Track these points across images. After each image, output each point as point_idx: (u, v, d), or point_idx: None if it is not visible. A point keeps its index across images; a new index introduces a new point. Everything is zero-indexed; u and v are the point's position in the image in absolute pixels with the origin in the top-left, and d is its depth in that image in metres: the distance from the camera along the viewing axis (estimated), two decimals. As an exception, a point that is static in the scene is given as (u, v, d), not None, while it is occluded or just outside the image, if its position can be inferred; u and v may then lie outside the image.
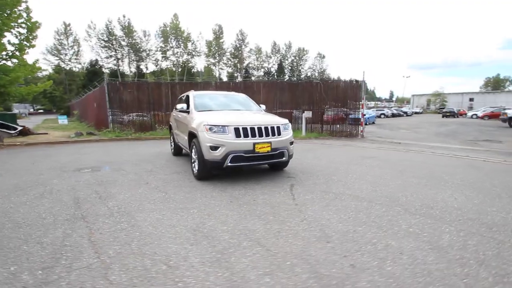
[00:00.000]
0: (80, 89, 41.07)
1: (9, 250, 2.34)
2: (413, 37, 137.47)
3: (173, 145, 7.30)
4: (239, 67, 60.01)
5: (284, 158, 4.74)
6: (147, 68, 54.17)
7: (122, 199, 3.69)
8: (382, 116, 37.38)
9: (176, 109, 7.22)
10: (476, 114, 31.20)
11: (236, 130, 4.30)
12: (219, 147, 4.22)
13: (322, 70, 66.23)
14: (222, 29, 56.15)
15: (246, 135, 4.31)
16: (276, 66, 63.01)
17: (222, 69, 58.88)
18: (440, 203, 3.46)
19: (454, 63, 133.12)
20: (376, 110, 38.92)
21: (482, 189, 4.12)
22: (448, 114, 35.18)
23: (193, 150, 4.86)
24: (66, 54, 48.48)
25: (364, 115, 13.00)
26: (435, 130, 17.26)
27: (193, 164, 4.89)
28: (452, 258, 2.19)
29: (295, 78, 58.60)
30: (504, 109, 21.35)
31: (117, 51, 48.74)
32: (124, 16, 49.46)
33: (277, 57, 63.54)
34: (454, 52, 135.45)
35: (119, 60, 49.52)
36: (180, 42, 52.43)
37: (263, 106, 6.29)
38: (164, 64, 54.06)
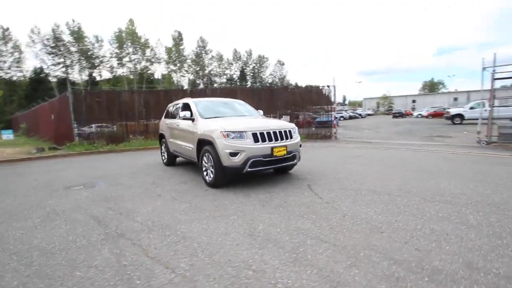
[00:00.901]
0: (22, 100, 36.56)
1: (63, 278, 2.10)
2: (360, 45, 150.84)
3: (165, 155, 7.00)
4: (201, 74, 59.23)
5: (295, 160, 4.92)
6: (100, 75, 50.42)
7: (147, 213, 3.49)
8: (342, 118, 40.02)
9: (167, 117, 7.00)
10: (421, 114, 35.20)
11: (254, 135, 4.36)
12: (238, 153, 4.23)
13: (282, 76, 68.63)
14: (182, 36, 55.07)
15: (263, 140, 4.39)
16: (238, 73, 63.58)
17: (183, 76, 57.49)
18: (446, 191, 3.95)
19: (394, 69, 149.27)
20: (336, 113, 41.52)
21: (468, 177, 4.78)
22: (397, 115, 39.10)
23: (204, 158, 4.78)
24: (5, 62, 42.86)
25: (337, 117, 13.91)
26: (393, 130, 19.06)
27: (205, 172, 4.80)
28: (488, 233, 2.57)
29: (257, 85, 59.80)
30: (445, 109, 24.45)
31: (66, 58, 44.42)
32: (73, 21, 45.48)
33: (239, 64, 64.23)
34: (395, 59, 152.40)
35: (68, 68, 45.19)
36: (138, 49, 49.99)
37: (261, 111, 6.43)
38: (120, 71, 50.91)
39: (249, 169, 4.29)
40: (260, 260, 2.24)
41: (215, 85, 57.36)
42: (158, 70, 55.68)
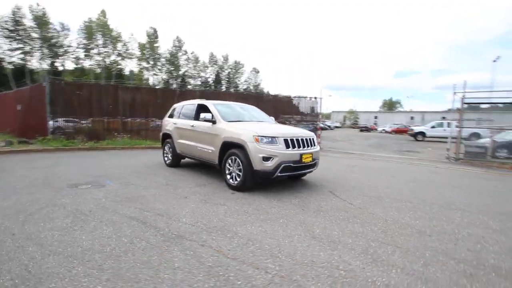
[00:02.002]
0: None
1: (154, 282, 2.00)
2: (326, 61, 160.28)
3: (170, 156, 6.76)
4: (175, 74, 57.62)
5: (316, 167, 5.13)
6: (64, 66, 46.37)
7: (189, 215, 3.40)
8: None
9: (174, 117, 6.81)
10: (385, 129, 38.22)
11: (286, 141, 4.48)
12: (271, 157, 4.31)
13: (257, 84, 69.62)
14: (157, 33, 53.27)
15: (293, 146, 4.53)
16: (213, 77, 63.09)
17: (156, 74, 55.36)
18: (455, 200, 4.44)
19: (361, 87, 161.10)
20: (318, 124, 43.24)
21: (463, 188, 5.41)
22: (364, 129, 42.00)
23: (228, 161, 4.76)
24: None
25: (322, 128, 14.57)
26: (365, 143, 20.43)
27: (228, 176, 4.77)
28: (514, 237, 2.99)
29: (232, 90, 59.81)
30: (408, 126, 26.84)
31: (25, 44, 40.04)
32: (38, 5, 41.27)
33: (214, 68, 63.82)
34: (362, 77, 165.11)
35: (27, 55, 40.78)
36: (108, 42, 47.11)
37: (273, 118, 6.58)
38: (87, 63, 47.39)
39: (279, 174, 4.38)
40: (342, 261, 2.36)
41: (189, 86, 56.18)
42: (129, 66, 52.94)
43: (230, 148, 4.78)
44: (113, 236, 2.75)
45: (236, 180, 4.64)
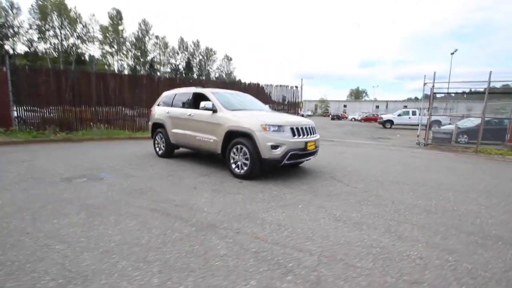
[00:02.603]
0: None
1: (207, 269, 2.02)
2: (296, 50, 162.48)
3: (162, 146, 6.53)
4: (142, 60, 54.47)
5: (316, 155, 5.33)
6: (14, 49, 41.37)
7: (208, 205, 3.38)
8: (288, 117, 42.57)
9: (166, 105, 6.56)
10: (354, 118, 40.14)
11: (292, 129, 4.58)
12: (279, 146, 4.39)
13: (229, 72, 68.46)
14: (121, 15, 49.51)
15: (299, 134, 4.65)
16: (184, 64, 60.74)
17: (121, 60, 51.85)
18: (443, 181, 4.91)
19: (327, 75, 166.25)
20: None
21: (444, 171, 5.98)
22: (335, 117, 43.70)
23: (233, 150, 4.76)
24: None
25: (303, 115, 14.93)
26: (339, 130, 21.36)
27: (233, 165, 4.78)
28: (505, 210, 3.43)
29: (203, 78, 58.27)
30: (378, 114, 28.45)
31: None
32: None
33: (185, 55, 61.38)
34: (331, 66, 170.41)
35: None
36: (66, 23, 42.81)
37: (267, 106, 6.62)
38: (42, 47, 42.81)
39: (286, 162, 4.50)
40: (372, 239, 2.55)
41: (158, 73, 53.62)
42: (92, 51, 48.86)
43: (235, 137, 4.77)
44: (142, 228, 2.67)
45: (242, 169, 4.66)
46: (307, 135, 4.83)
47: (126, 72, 47.96)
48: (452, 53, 28.77)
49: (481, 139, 9.89)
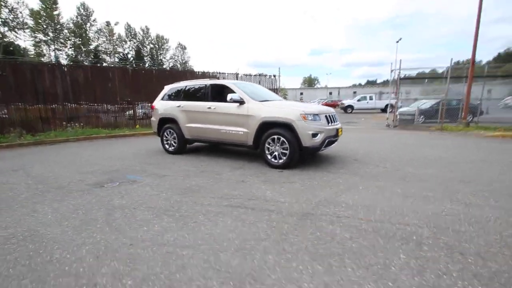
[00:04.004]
0: None
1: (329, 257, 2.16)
2: (250, 39, 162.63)
3: (173, 142, 6.21)
4: (84, 49, 48.78)
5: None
6: None
7: (279, 195, 3.45)
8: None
9: (175, 99, 6.24)
10: (314, 104, 42.21)
11: (326, 117, 4.81)
12: (318, 133, 4.59)
13: (184, 61, 65.39)
14: (55, -2, 43.17)
15: (331, 122, 4.91)
16: (133, 52, 56.10)
17: (59, 49, 45.65)
18: (440, 155, 5.68)
19: (281, 63, 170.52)
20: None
21: (432, 146, 6.88)
22: (296, 104, 45.32)
23: (268, 141, 4.82)
24: None
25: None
26: (309, 117, 22.38)
27: (269, 155, 4.85)
28: (510, 177, 4.19)
29: (155, 67, 54.79)
30: (338, 100, 30.39)
31: None
32: None
33: (134, 43, 56.64)
34: (284, 54, 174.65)
35: None
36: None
37: (278, 95, 6.73)
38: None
39: (323, 148, 4.74)
40: (443, 207, 2.95)
41: (104, 63, 48.80)
42: (23, 39, 41.93)
43: (270, 128, 4.81)
44: (247, 225, 2.64)
45: (280, 159, 4.76)
46: (335, 122, 5.11)
47: (66, 62, 42.47)
48: (397, 41, 31.95)
49: (437, 119, 11.52)
